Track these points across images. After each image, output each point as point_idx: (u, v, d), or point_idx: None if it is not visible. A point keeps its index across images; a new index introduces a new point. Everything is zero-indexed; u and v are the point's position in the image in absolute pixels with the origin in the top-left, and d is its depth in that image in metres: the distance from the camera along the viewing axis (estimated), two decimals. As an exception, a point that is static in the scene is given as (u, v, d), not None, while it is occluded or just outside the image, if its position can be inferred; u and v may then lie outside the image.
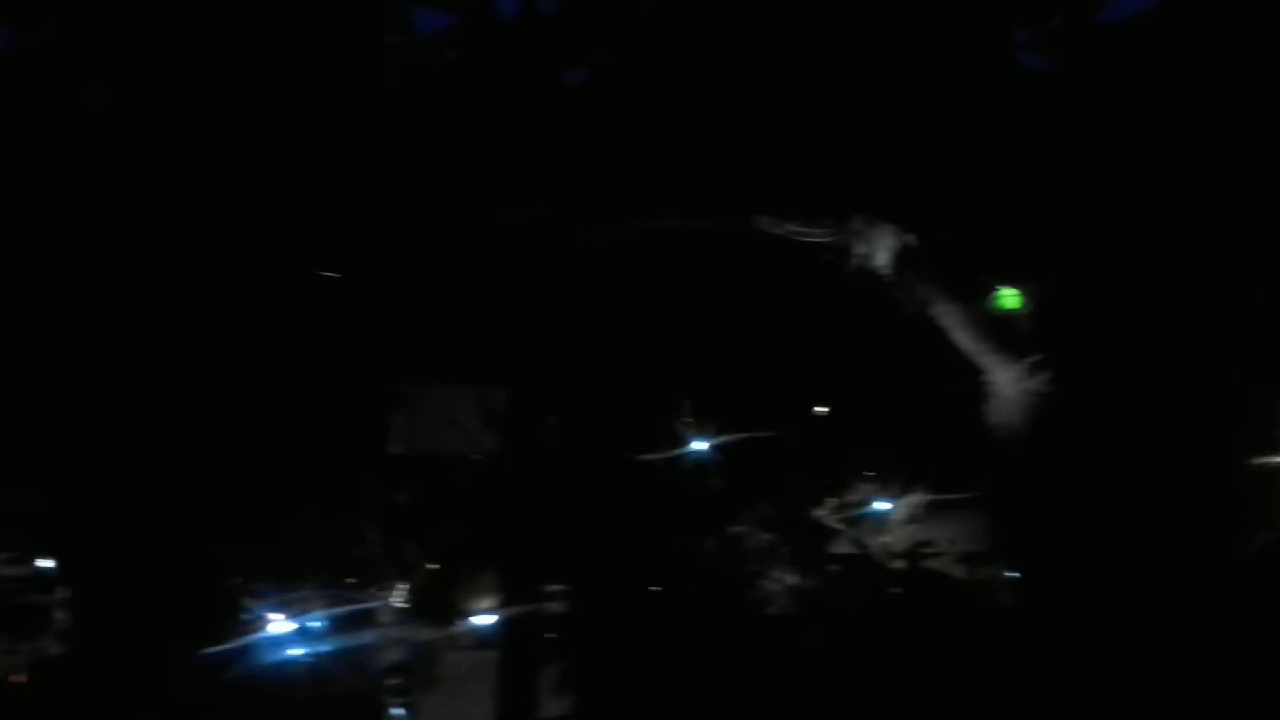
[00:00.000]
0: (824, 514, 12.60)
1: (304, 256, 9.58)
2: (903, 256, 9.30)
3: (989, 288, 9.27)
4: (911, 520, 12.50)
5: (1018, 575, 10.80)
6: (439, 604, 13.29)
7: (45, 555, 11.77)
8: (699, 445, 11.52)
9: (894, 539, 12.82)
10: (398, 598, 13.36)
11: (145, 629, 9.83)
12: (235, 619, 10.80)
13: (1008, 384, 9.31)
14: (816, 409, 12.34)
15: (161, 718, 9.81)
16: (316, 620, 11.45)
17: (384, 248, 9.61)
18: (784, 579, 12.18)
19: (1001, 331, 9.24)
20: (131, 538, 9.83)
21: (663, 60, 9.73)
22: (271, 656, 10.84)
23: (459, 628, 13.19)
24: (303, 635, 11.39)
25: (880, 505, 12.92)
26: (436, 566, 14.06)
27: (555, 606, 11.64)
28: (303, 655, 11.08)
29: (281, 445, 10.32)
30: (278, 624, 11.24)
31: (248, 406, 9.99)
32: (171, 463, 9.74)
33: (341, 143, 8.80)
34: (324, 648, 11.15)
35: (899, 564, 12.60)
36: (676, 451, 11.24)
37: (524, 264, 9.85)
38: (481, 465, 11.82)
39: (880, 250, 9.33)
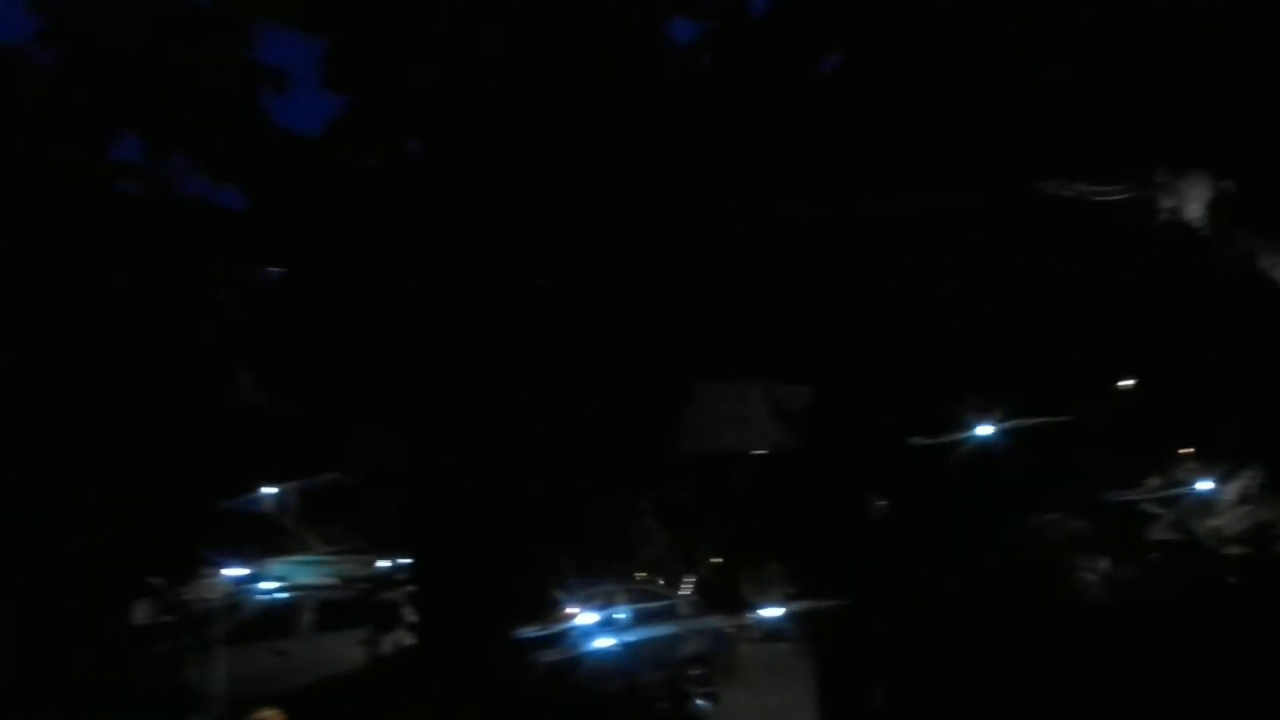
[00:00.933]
0: (1140, 497, 11.60)
1: (603, 265, 10.13)
2: (1219, 205, 8.40)
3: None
4: (1245, 501, 11.22)
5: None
6: (727, 597, 13.53)
7: (391, 556, 13.20)
8: (990, 429, 10.96)
9: (1225, 522, 11.55)
10: (689, 591, 13.73)
11: (478, 621, 10.73)
12: (547, 612, 11.55)
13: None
14: (1124, 382, 11.36)
15: (488, 703, 10.67)
16: (620, 613, 12.01)
17: (671, 251, 9.97)
18: (1098, 568, 11.32)
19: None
20: (466, 539, 10.77)
21: (922, 31, 9.41)
22: (581, 647, 11.50)
23: (750, 620, 13.34)
24: (608, 627, 11.98)
25: (1205, 485, 11.69)
26: (720, 560, 14.33)
27: (847, 601, 11.50)
28: (609, 646, 11.64)
29: (584, 448, 10.92)
30: (584, 617, 11.90)
31: (556, 413, 10.66)
32: (498, 468, 10.56)
33: (635, 153, 9.26)
34: (628, 639, 11.65)
35: (1233, 550, 11.35)
36: (968, 435, 10.76)
37: (805, 257, 9.85)
38: (768, 460, 11.91)
39: (1192, 201, 8.49)
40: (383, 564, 14.68)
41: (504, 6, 10.30)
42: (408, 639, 11.98)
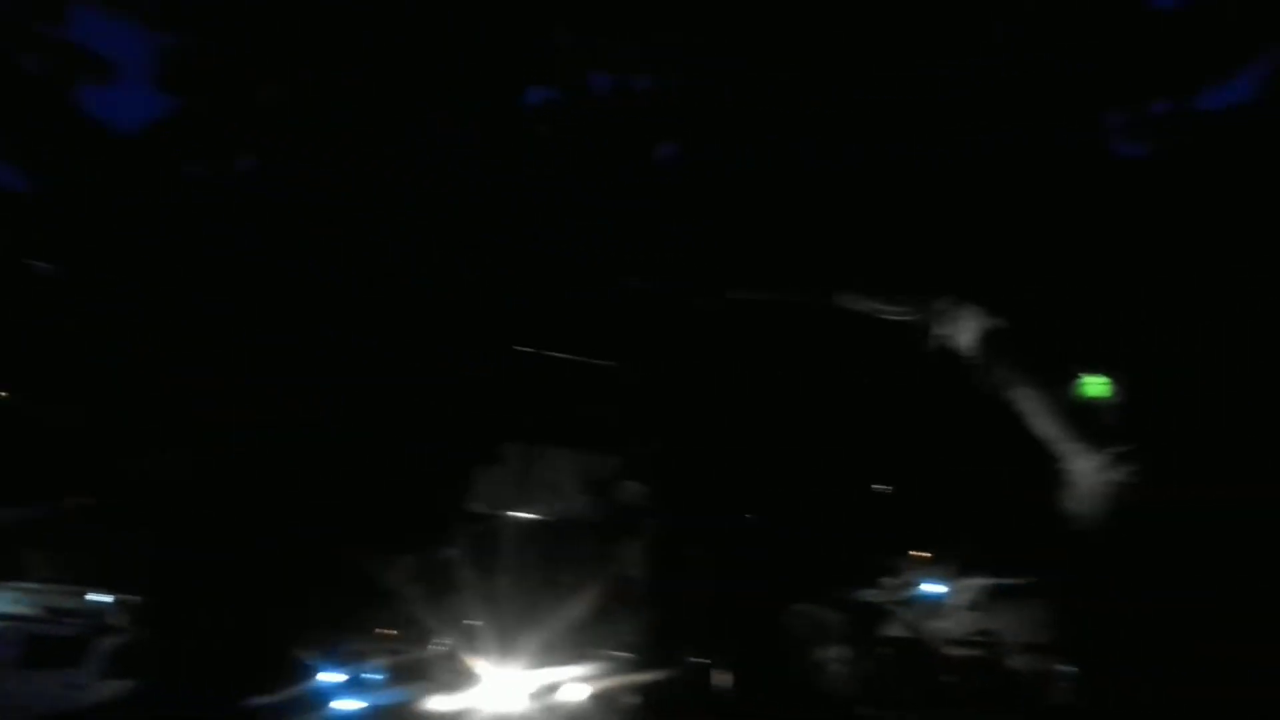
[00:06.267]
0: (880, 598, 12.29)
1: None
2: (986, 339, 9.35)
3: (1074, 375, 9.25)
4: (974, 608, 12.17)
5: (1076, 670, 10.53)
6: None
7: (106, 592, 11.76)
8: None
9: (951, 624, 12.45)
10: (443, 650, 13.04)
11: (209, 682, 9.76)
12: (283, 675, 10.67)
13: (1087, 473, 9.22)
14: (878, 487, 12.24)
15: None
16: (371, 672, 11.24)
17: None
18: (842, 656, 11.92)
19: (1085, 420, 9.18)
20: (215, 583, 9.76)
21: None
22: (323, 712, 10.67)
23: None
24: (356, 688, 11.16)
25: (934, 589, 12.55)
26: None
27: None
28: (354, 710, 10.85)
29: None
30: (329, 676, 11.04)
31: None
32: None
33: None
34: (380, 700, 10.91)
35: (956, 651, 12.25)
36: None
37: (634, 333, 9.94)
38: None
39: (964, 331, 9.39)
40: (94, 599, 13.05)
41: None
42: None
